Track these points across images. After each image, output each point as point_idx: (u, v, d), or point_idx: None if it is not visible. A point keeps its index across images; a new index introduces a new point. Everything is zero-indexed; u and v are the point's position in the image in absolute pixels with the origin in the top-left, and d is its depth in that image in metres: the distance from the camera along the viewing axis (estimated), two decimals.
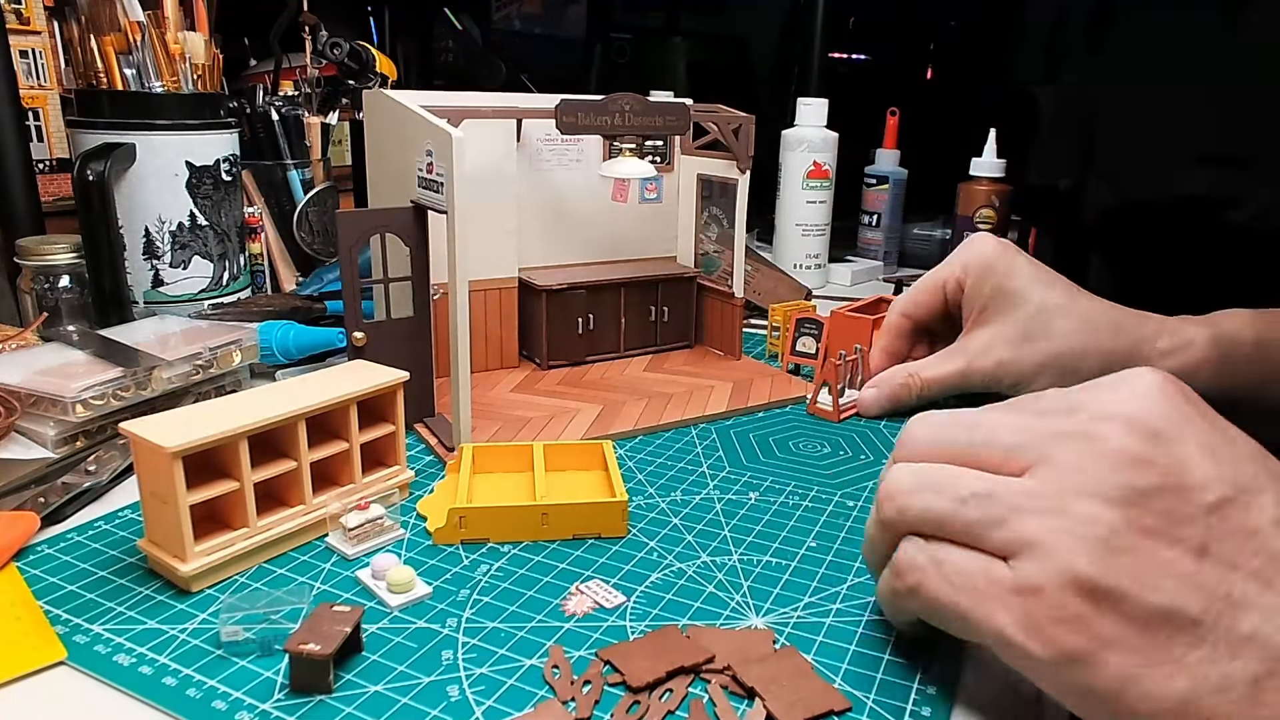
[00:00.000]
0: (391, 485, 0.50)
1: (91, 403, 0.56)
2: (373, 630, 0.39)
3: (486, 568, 0.45)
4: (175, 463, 0.39)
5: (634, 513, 0.50)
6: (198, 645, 0.38)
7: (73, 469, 0.53)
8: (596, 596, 0.42)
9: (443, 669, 0.37)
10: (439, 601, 0.42)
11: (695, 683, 0.36)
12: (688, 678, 0.36)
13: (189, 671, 0.36)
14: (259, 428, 0.42)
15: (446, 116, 0.54)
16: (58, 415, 0.56)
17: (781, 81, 1.40)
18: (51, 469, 0.53)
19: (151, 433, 0.40)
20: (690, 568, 0.45)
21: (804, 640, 0.39)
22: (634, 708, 0.34)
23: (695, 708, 0.34)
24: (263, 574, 0.44)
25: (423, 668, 0.37)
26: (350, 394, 0.47)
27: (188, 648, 0.38)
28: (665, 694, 0.35)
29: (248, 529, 0.43)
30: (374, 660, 0.37)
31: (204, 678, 0.36)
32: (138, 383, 0.59)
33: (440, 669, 0.37)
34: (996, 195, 0.99)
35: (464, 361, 0.54)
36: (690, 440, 0.61)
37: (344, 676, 0.36)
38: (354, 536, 0.46)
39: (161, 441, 0.39)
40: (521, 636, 0.39)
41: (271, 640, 0.37)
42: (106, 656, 0.37)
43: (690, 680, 0.36)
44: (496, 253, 0.72)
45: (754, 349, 0.83)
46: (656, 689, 0.35)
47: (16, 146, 0.78)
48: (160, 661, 0.37)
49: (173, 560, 0.41)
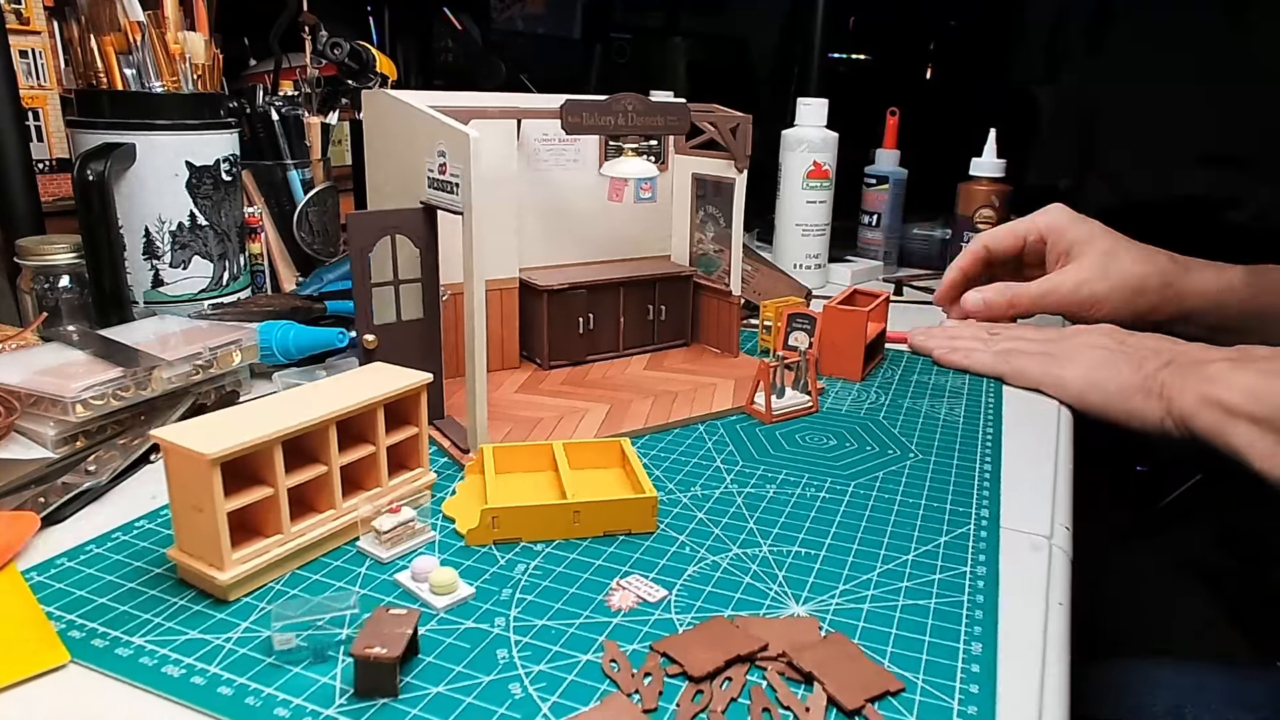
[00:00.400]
0: (419, 487, 0.50)
1: (91, 403, 0.56)
2: (423, 632, 0.39)
3: (524, 567, 0.45)
4: (214, 470, 0.38)
5: (659, 509, 0.50)
6: (246, 654, 0.37)
7: (73, 469, 0.52)
8: (639, 591, 0.43)
9: (500, 668, 0.37)
10: (483, 602, 0.42)
11: (752, 670, 0.37)
12: (745, 666, 0.37)
13: (243, 680, 0.36)
14: (293, 432, 0.42)
15: (455, 117, 0.54)
16: (58, 415, 0.56)
17: (781, 81, 1.40)
18: (51, 469, 0.53)
19: (188, 440, 0.39)
20: (724, 560, 0.46)
21: (847, 626, 0.40)
22: (697, 696, 0.35)
23: (756, 694, 0.35)
24: (297, 580, 0.43)
25: (481, 667, 0.37)
26: (378, 397, 0.46)
27: (236, 656, 0.37)
28: (725, 682, 0.36)
29: (281, 535, 0.43)
30: (430, 662, 0.37)
31: (260, 685, 0.35)
32: (138, 383, 0.59)
33: (498, 668, 0.37)
34: (996, 195, 0.99)
35: (480, 362, 0.54)
36: (699, 436, 0.62)
37: (405, 679, 0.36)
38: (388, 540, 0.45)
39: (200, 449, 0.38)
40: (572, 633, 0.39)
41: (324, 646, 0.37)
42: (154, 668, 0.36)
43: (747, 668, 0.37)
44: (498, 253, 0.72)
45: (745, 344, 0.84)
46: (716, 678, 0.36)
47: (16, 146, 0.77)
48: (211, 671, 0.36)
49: (209, 569, 0.40)
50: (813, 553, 0.47)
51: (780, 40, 1.46)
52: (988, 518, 0.51)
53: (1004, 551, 0.48)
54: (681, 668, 0.36)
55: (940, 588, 0.44)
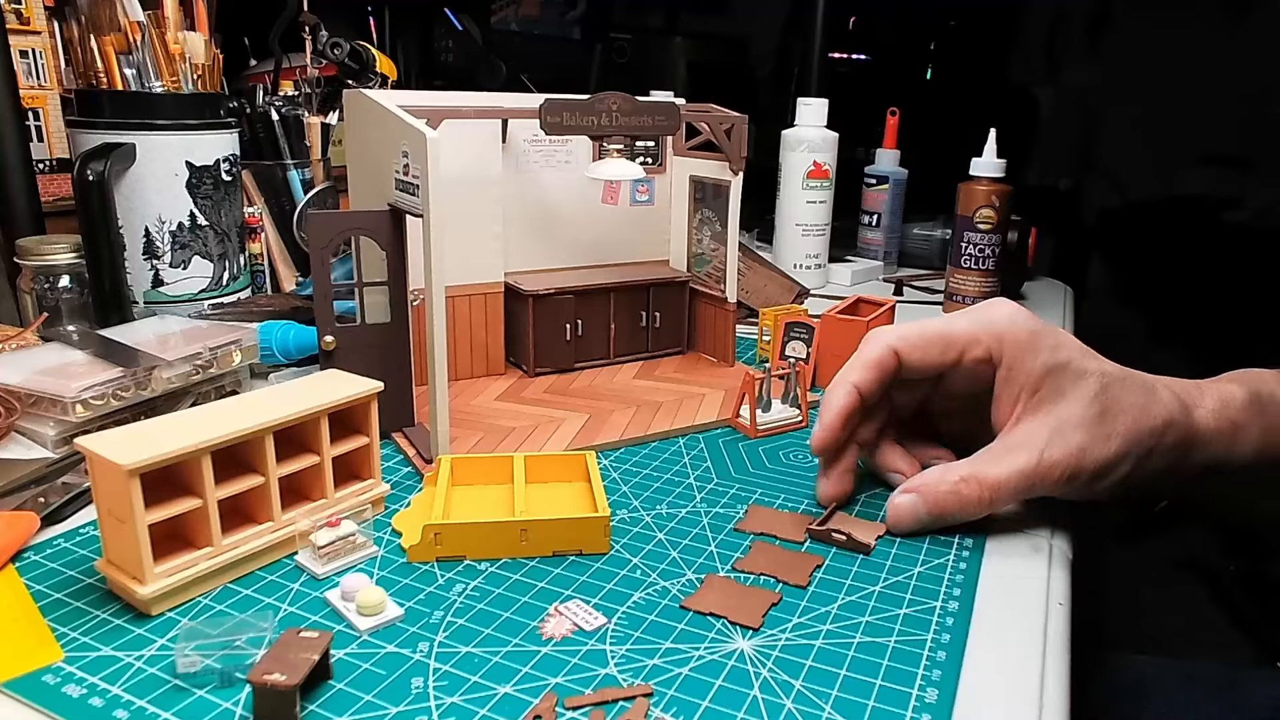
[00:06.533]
0: (365, 500, 0.47)
1: (91, 403, 0.55)
2: (340, 655, 0.36)
3: (462, 587, 0.42)
4: (132, 481, 0.36)
5: (617, 527, 0.47)
6: (154, 674, 0.35)
7: (73, 469, 0.51)
8: (576, 618, 0.39)
9: (412, 698, 0.34)
10: (411, 624, 0.39)
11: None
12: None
13: (142, 703, 0.33)
14: (222, 443, 0.39)
15: (425, 117, 0.50)
16: (58, 415, 0.55)
17: (781, 81, 1.38)
18: (51, 469, 0.52)
19: (108, 449, 0.37)
20: (675, 586, 0.42)
21: (791, 664, 0.37)
22: None
23: None
24: (228, 595, 0.41)
25: (392, 697, 0.34)
26: (320, 406, 0.43)
27: (143, 677, 0.35)
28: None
29: (212, 548, 0.40)
30: (341, 689, 0.35)
31: (158, 710, 0.33)
32: (138, 383, 0.58)
33: (410, 698, 0.34)
34: (996, 195, 0.95)
35: (441, 370, 0.51)
36: (678, 450, 0.58)
37: (309, 707, 0.33)
38: (324, 554, 0.43)
39: (118, 459, 0.36)
40: (496, 662, 0.36)
41: (233, 669, 0.35)
42: (55, 687, 0.34)
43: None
44: (482, 256, 0.68)
45: (745, 353, 0.80)
46: None
47: (16, 146, 0.76)
48: (113, 692, 0.34)
49: (131, 582, 0.38)
50: (772, 579, 0.43)
51: (780, 40, 1.44)
52: (970, 546, 0.46)
53: (1005, 551, 0.46)
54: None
55: (904, 624, 0.39)
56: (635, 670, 0.36)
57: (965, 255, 0.97)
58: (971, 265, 0.97)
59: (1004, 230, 0.96)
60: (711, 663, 0.37)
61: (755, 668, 0.36)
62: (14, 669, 0.35)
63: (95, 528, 0.46)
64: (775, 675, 0.36)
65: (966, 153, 0.96)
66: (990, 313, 0.49)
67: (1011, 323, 0.49)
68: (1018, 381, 0.48)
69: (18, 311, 0.74)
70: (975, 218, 0.96)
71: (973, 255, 0.96)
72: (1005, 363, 0.48)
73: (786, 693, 0.35)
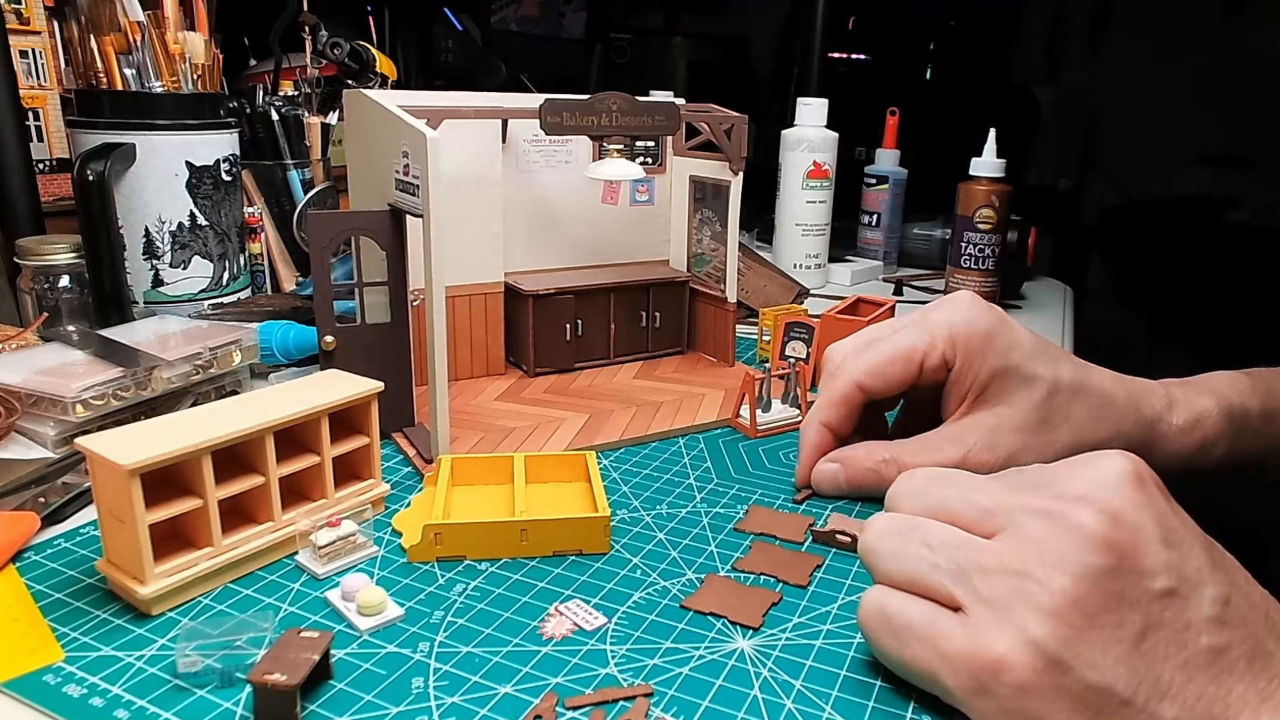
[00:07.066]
0: (365, 500, 0.47)
1: (91, 403, 0.55)
2: (340, 655, 0.36)
3: (462, 587, 0.42)
4: (133, 481, 0.36)
5: (617, 527, 0.47)
6: (155, 674, 0.35)
7: (73, 469, 0.51)
8: (576, 618, 0.39)
9: (413, 698, 0.34)
10: (411, 624, 0.39)
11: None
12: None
13: (143, 703, 0.33)
14: (222, 442, 0.39)
15: (425, 117, 0.50)
16: (58, 415, 0.54)
17: (781, 81, 1.38)
18: (51, 469, 0.52)
19: (108, 449, 0.37)
20: (675, 586, 0.42)
21: (792, 664, 0.36)
22: None
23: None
24: (228, 595, 0.41)
25: (392, 697, 0.34)
26: (321, 406, 0.43)
27: (143, 677, 0.35)
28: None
29: (212, 548, 0.40)
30: (341, 689, 0.34)
31: (159, 710, 0.33)
32: (138, 383, 0.57)
33: (410, 698, 0.34)
34: (996, 195, 0.95)
35: (441, 370, 0.51)
36: (678, 450, 0.58)
37: (309, 707, 0.33)
38: (324, 555, 0.42)
39: (118, 459, 0.36)
40: (496, 662, 0.36)
41: (233, 669, 0.34)
42: (56, 687, 0.34)
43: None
44: (481, 256, 0.68)
45: (745, 353, 0.79)
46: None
47: (16, 146, 0.76)
48: (113, 692, 0.34)
49: (131, 582, 0.38)
50: (773, 579, 0.43)
51: (780, 40, 1.44)
52: None
53: None
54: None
55: None
56: (635, 670, 0.36)
57: (965, 255, 0.97)
58: (971, 265, 0.97)
59: (1004, 230, 0.96)
60: (712, 662, 0.36)
61: (755, 667, 0.36)
62: (14, 669, 0.35)
63: (95, 528, 0.46)
64: (775, 675, 0.36)
65: (966, 153, 0.96)
66: (949, 312, 0.49)
67: (968, 322, 0.48)
68: (965, 383, 0.48)
69: (18, 311, 0.74)
70: (975, 218, 0.96)
71: (972, 255, 0.96)
72: (957, 365, 0.48)
73: (787, 692, 0.35)
